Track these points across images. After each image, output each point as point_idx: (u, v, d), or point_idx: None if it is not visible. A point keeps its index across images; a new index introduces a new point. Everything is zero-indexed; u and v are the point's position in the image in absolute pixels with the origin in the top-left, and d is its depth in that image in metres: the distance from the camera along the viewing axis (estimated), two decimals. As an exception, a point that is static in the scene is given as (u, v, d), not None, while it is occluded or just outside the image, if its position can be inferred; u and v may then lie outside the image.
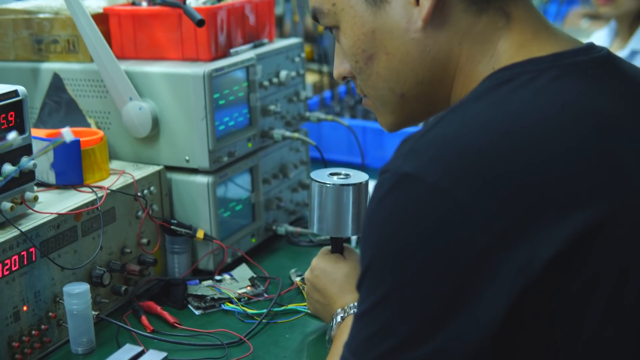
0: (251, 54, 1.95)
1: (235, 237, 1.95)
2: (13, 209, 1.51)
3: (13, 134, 1.25)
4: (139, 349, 1.54)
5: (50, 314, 1.58)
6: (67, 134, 1.17)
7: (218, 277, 1.85)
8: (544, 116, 1.04)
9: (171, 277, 1.85)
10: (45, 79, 1.96)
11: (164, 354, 1.53)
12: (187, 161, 1.85)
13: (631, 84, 1.17)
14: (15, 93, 1.53)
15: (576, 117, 1.05)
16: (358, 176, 1.62)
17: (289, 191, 2.17)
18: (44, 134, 1.75)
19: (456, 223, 0.98)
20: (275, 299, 1.76)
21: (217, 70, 1.82)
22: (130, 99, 1.84)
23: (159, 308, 1.72)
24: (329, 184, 1.60)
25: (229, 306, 1.75)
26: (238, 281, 1.85)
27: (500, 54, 1.14)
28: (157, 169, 1.85)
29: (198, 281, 1.83)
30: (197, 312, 1.74)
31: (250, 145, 1.97)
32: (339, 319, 1.51)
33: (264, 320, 1.70)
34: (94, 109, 1.92)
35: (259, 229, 2.04)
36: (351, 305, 1.51)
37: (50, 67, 1.96)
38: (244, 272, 1.89)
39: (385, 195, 1.02)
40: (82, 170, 1.72)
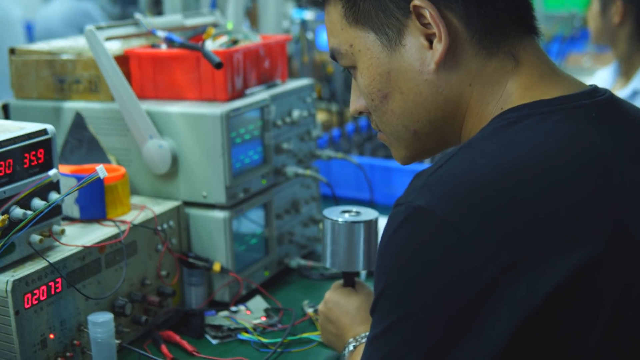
0: (265, 95, 2.04)
1: (249, 270, 2.02)
2: (42, 241, 1.59)
3: (54, 171, 1.33)
4: (161, 374, 1.61)
5: (75, 341, 1.65)
6: (102, 170, 1.25)
7: (234, 308, 1.93)
8: (549, 158, 1.11)
9: (189, 307, 1.92)
10: (67, 118, 2.04)
11: (185, 379, 1.60)
12: (205, 197, 1.93)
13: (632, 126, 1.24)
14: (44, 132, 1.61)
15: (579, 159, 1.12)
16: (368, 214, 1.70)
17: (300, 226, 2.24)
18: (68, 170, 1.83)
19: (463, 256, 1.05)
20: (289, 329, 1.83)
21: (234, 110, 1.90)
22: (151, 137, 1.92)
23: (177, 337, 1.79)
24: (341, 221, 1.68)
25: (244, 336, 1.82)
26: (253, 312, 1.92)
27: (509, 95, 1.22)
28: (175, 204, 1.93)
29: (215, 312, 1.90)
30: (214, 342, 1.81)
31: (264, 181, 2.05)
32: (351, 347, 1.58)
33: (278, 349, 1.76)
34: (114, 146, 2.01)
35: (272, 262, 2.11)
36: (362, 335, 1.58)
37: (72, 106, 2.04)
38: (258, 303, 1.97)
39: (399, 226, 1.10)
40: (105, 205, 1.80)
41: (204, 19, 2.28)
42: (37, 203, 1.56)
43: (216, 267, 1.92)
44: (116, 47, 2.09)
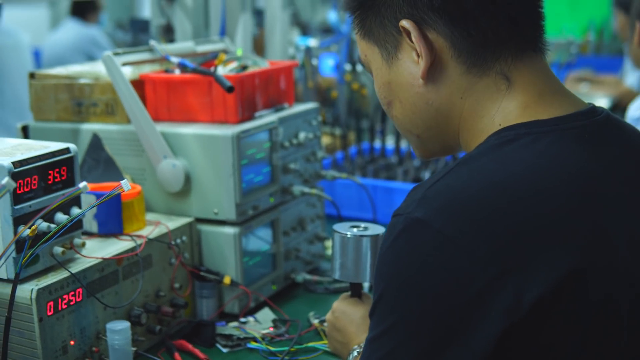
0: (274, 117, 2.15)
1: (257, 284, 2.12)
2: (64, 253, 1.69)
3: (84, 183, 1.43)
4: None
5: (94, 348, 1.74)
6: (126, 184, 1.35)
7: (243, 320, 2.02)
8: (540, 177, 1.19)
9: (200, 318, 2.02)
10: (85, 139, 2.15)
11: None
12: (216, 214, 2.03)
13: (624, 147, 1.31)
14: (67, 150, 1.71)
15: (567, 178, 1.20)
16: (375, 229, 1.80)
17: (306, 243, 2.34)
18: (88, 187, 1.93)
19: (456, 265, 1.13)
20: (296, 338, 1.93)
21: (244, 132, 2.01)
22: (165, 157, 2.02)
23: (190, 346, 1.88)
24: (349, 235, 1.78)
25: (253, 345, 1.91)
26: (261, 323, 2.02)
27: (507, 113, 1.28)
28: (188, 220, 2.03)
29: (225, 323, 2.00)
30: (224, 350, 1.90)
31: (272, 200, 2.15)
32: (355, 353, 1.67)
33: (286, 357, 1.86)
34: (130, 166, 2.11)
35: (279, 277, 2.21)
36: (366, 342, 1.68)
37: (90, 127, 2.15)
38: (266, 315, 2.06)
39: (398, 236, 1.18)
40: (122, 221, 1.90)
41: (214, 45, 2.39)
42: (60, 217, 1.66)
43: (226, 280, 2.02)
44: (128, 72, 2.20)
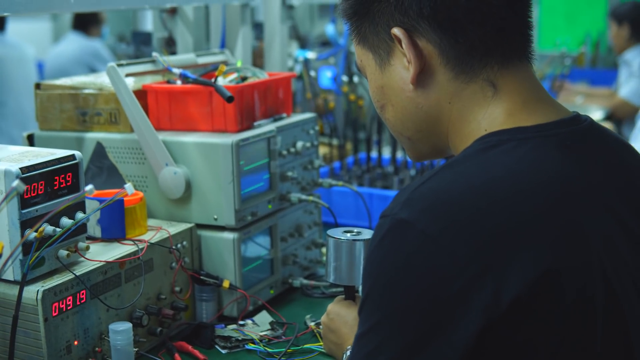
0: (272, 127, 2.21)
1: (255, 288, 2.18)
2: (69, 256, 1.75)
3: (90, 186, 1.50)
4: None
5: (97, 348, 1.80)
6: (129, 188, 1.41)
7: (241, 322, 2.09)
8: (520, 181, 1.24)
9: (200, 320, 2.08)
10: (89, 147, 2.22)
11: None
12: (216, 219, 2.10)
13: (605, 154, 1.37)
14: (72, 157, 1.78)
15: (546, 183, 1.25)
16: (368, 233, 1.86)
17: (303, 249, 2.41)
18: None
19: (438, 264, 1.19)
20: (292, 340, 1.99)
21: (243, 140, 2.08)
22: (166, 164, 2.09)
23: (190, 347, 1.94)
24: (344, 239, 1.84)
25: (251, 346, 1.97)
26: (259, 325, 2.08)
27: (493, 119, 1.34)
28: (189, 226, 2.09)
29: (224, 325, 2.06)
30: (223, 352, 1.97)
31: (270, 206, 2.22)
32: (348, 353, 1.73)
33: (283, 358, 1.92)
34: (132, 173, 2.18)
35: (276, 281, 2.27)
36: (360, 343, 1.73)
37: (93, 136, 2.22)
38: (264, 317, 2.13)
39: (384, 236, 1.24)
40: (125, 226, 1.97)
41: (215, 57, 2.46)
42: (66, 221, 1.73)
43: (225, 284, 2.08)
44: (131, 83, 2.27)
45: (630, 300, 1.30)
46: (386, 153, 3.34)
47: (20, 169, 1.64)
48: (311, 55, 3.70)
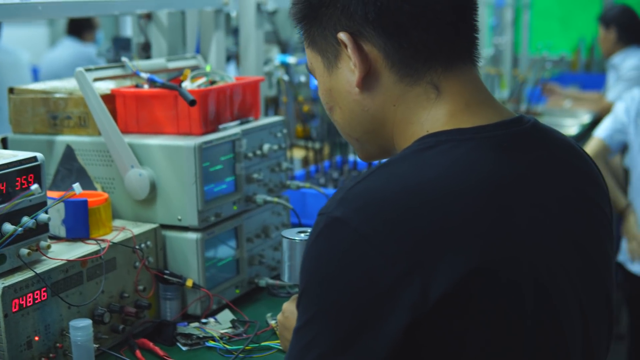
0: (237, 130, 2.27)
1: (221, 287, 2.23)
2: (30, 255, 1.80)
3: (35, 185, 1.55)
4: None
5: (58, 344, 1.85)
6: (77, 187, 1.47)
7: (204, 320, 2.14)
8: (452, 182, 1.27)
9: (164, 319, 2.13)
10: (59, 150, 2.27)
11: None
12: (180, 220, 2.15)
13: (545, 155, 1.39)
14: (34, 159, 1.83)
15: (477, 184, 1.28)
16: None
17: (271, 250, 2.46)
18: (57, 195, 2.04)
19: (369, 262, 1.23)
20: (251, 337, 2.04)
21: (206, 142, 2.13)
22: (132, 166, 2.14)
23: (151, 344, 2.00)
24: (297, 240, 1.89)
25: (212, 343, 2.03)
26: (221, 323, 2.13)
27: (434, 121, 1.36)
28: (153, 226, 2.15)
29: (187, 323, 2.11)
30: (184, 349, 2.02)
31: (235, 207, 2.27)
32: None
33: (241, 355, 1.97)
34: (100, 175, 2.23)
35: (242, 281, 2.33)
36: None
37: (63, 139, 2.27)
38: (226, 316, 2.18)
39: (319, 234, 1.28)
40: (89, 226, 2.02)
41: (186, 62, 2.52)
42: (26, 220, 1.78)
43: (189, 283, 2.13)
44: (104, 86, 2.32)
45: (566, 303, 1.33)
46: (362, 156, 3.37)
47: (-20, 169, 1.70)
48: (292, 60, 3.75)
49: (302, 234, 1.90)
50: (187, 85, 2.29)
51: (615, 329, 1.49)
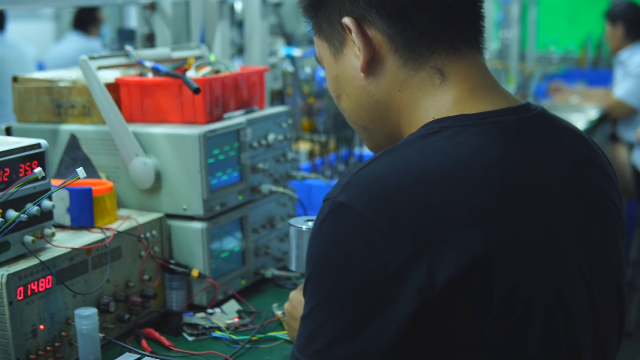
0: (242, 119, 2.25)
1: (226, 277, 2.22)
2: (34, 242, 1.79)
3: (39, 169, 1.54)
4: (136, 355, 1.82)
5: (63, 333, 1.84)
6: (81, 172, 1.46)
7: (210, 311, 2.12)
8: (457, 166, 1.26)
9: (169, 308, 2.12)
10: (63, 139, 2.26)
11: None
12: (185, 209, 2.14)
13: (553, 142, 1.38)
14: (38, 145, 1.82)
15: (483, 169, 1.27)
16: None
17: (277, 241, 2.44)
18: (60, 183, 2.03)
19: (375, 247, 1.22)
20: (258, 328, 2.02)
21: (211, 131, 2.12)
22: (137, 155, 2.13)
23: (157, 334, 1.98)
24: (304, 228, 1.88)
25: (218, 333, 2.01)
26: (227, 314, 2.12)
27: (440, 107, 1.36)
28: (158, 215, 2.13)
29: (192, 313, 2.10)
30: (190, 339, 2.00)
31: (240, 197, 2.26)
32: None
33: (247, 345, 1.95)
34: (105, 164, 2.22)
35: (248, 272, 2.31)
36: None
37: (67, 128, 2.26)
38: (232, 306, 2.16)
39: (324, 219, 1.27)
40: (94, 215, 2.01)
41: (191, 52, 2.50)
42: (29, 206, 1.77)
43: (194, 273, 2.12)
44: (109, 75, 2.31)
45: (575, 289, 1.32)
46: (367, 150, 3.36)
47: (-16, 156, 1.69)
48: (297, 52, 3.73)
49: (310, 222, 1.89)
50: (192, 74, 2.27)
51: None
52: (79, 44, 6.38)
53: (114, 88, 2.23)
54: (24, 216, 1.73)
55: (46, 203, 1.79)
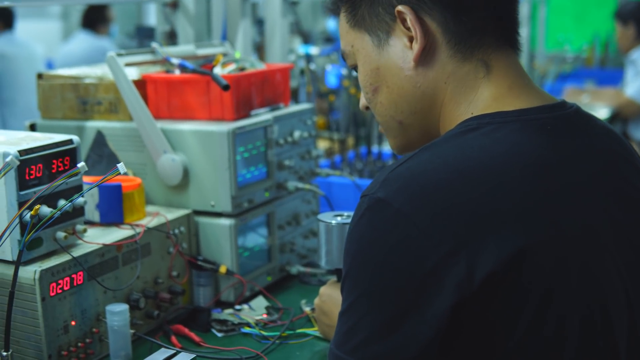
0: (269, 116, 2.25)
1: (253, 274, 2.21)
2: (66, 238, 1.79)
3: (82, 163, 1.54)
4: (172, 351, 1.81)
5: (94, 329, 1.84)
6: (122, 167, 1.45)
7: (238, 307, 2.12)
8: (495, 162, 1.26)
9: (197, 305, 2.12)
10: (89, 135, 2.26)
11: (193, 355, 1.81)
12: (213, 206, 2.13)
13: (589, 141, 1.38)
14: (70, 141, 1.81)
15: (522, 165, 1.27)
16: None
17: (301, 237, 2.44)
18: (90, 180, 2.03)
19: (413, 242, 1.21)
20: (287, 324, 2.02)
21: (239, 128, 2.11)
22: (165, 152, 2.13)
23: (186, 330, 1.98)
24: (334, 223, 1.87)
25: (247, 329, 2.01)
26: (255, 310, 2.11)
27: (478, 103, 1.37)
28: (186, 212, 2.13)
29: (220, 310, 2.09)
30: (219, 335, 2.00)
31: (267, 194, 2.25)
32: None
33: (277, 341, 1.95)
34: (132, 161, 2.21)
35: (274, 268, 2.31)
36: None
37: (94, 125, 2.26)
38: (260, 303, 2.16)
39: (362, 215, 1.27)
40: (123, 211, 2.00)
41: (215, 49, 2.50)
42: (63, 203, 1.77)
43: (222, 269, 2.11)
44: (135, 72, 2.31)
45: (613, 289, 1.31)
46: (387, 148, 3.36)
47: (19, 151, 1.68)
48: (314, 50, 3.73)
49: (339, 217, 1.89)
50: (218, 71, 2.27)
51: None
52: (88, 42, 6.38)
53: (140, 85, 2.22)
54: (59, 212, 1.72)
55: (79, 199, 1.79)
